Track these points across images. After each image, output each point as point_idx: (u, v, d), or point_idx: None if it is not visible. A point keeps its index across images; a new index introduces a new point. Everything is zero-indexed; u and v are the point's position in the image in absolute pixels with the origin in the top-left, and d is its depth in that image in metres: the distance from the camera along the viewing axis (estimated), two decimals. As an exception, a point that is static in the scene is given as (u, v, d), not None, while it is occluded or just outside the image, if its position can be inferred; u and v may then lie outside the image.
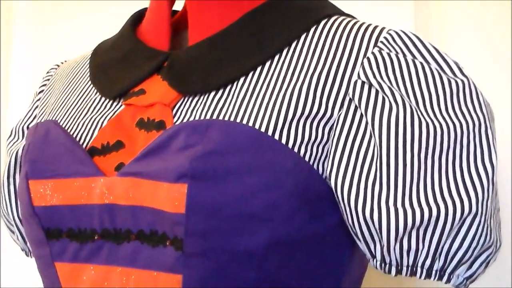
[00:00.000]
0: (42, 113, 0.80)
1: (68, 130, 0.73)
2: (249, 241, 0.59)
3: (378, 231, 0.59)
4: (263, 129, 0.61)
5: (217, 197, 0.59)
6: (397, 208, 0.59)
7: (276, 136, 0.61)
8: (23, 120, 0.83)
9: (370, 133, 0.61)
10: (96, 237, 0.66)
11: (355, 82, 0.63)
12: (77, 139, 0.71)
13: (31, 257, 0.83)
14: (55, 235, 0.68)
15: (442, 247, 0.60)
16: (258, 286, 0.60)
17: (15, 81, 1.25)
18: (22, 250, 0.85)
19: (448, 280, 0.61)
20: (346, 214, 0.61)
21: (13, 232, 0.83)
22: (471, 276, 0.62)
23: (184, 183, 0.59)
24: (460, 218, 0.59)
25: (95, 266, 0.66)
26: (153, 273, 0.62)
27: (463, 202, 0.59)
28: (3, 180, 0.78)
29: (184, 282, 0.60)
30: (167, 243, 0.61)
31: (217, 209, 0.58)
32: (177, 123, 0.65)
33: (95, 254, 0.66)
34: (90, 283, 0.66)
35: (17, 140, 0.82)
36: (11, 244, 1.19)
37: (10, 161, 0.78)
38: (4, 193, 0.78)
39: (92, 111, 0.73)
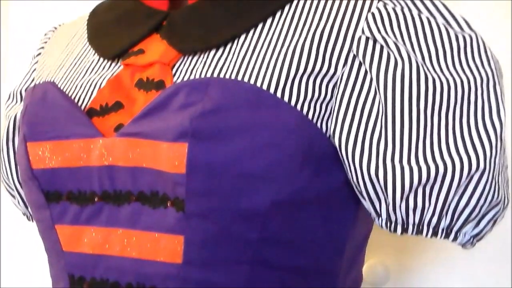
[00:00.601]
0: (40, 76, 0.78)
1: (66, 92, 0.71)
2: (251, 200, 0.58)
3: (383, 189, 0.58)
4: (264, 87, 0.60)
5: (218, 156, 0.57)
6: (403, 166, 0.57)
7: (278, 94, 0.60)
8: (21, 83, 0.82)
9: (375, 89, 0.60)
10: (96, 199, 0.65)
11: (359, 38, 0.61)
12: (76, 100, 0.70)
13: (33, 222, 0.82)
14: (55, 198, 0.67)
15: (449, 205, 0.58)
16: (261, 247, 0.59)
17: (12, 45, 1.23)
18: (24, 214, 0.84)
19: (455, 238, 0.60)
20: (351, 172, 0.60)
21: (13, 197, 0.82)
22: (478, 234, 0.61)
23: (184, 142, 0.58)
24: (468, 175, 0.57)
25: (96, 228, 0.65)
26: (154, 235, 0.61)
27: (470, 159, 0.57)
28: (2, 145, 0.77)
29: (185, 243, 0.59)
30: (168, 204, 0.60)
31: (219, 168, 0.57)
32: (177, 82, 0.64)
33: (95, 216, 0.65)
34: (91, 245, 0.65)
35: (15, 104, 0.80)
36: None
37: (8, 125, 0.77)
38: (3, 157, 0.77)
39: (90, 72, 0.72)
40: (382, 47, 0.60)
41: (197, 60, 0.65)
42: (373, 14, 0.61)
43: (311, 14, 0.63)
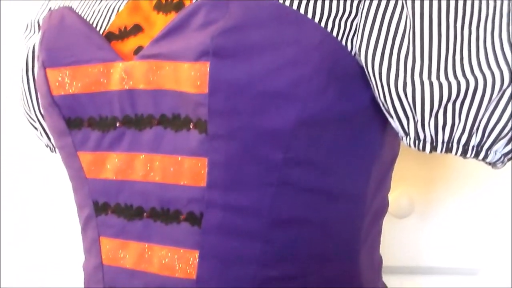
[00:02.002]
0: (56, 4, 0.77)
1: (84, 17, 0.70)
2: (275, 119, 0.56)
3: (411, 105, 0.56)
4: (287, 3, 0.58)
5: (240, 74, 0.56)
6: (432, 81, 0.55)
7: (302, 10, 0.57)
8: (37, 13, 0.80)
9: (402, 3, 0.57)
10: (117, 124, 0.64)
11: None
12: (94, 25, 0.68)
13: (56, 153, 0.82)
14: (76, 124, 0.66)
15: (480, 121, 0.57)
16: (286, 168, 0.58)
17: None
18: (46, 146, 0.84)
19: (486, 157, 0.58)
20: (378, 90, 0.58)
21: (36, 129, 0.81)
22: (509, 152, 0.59)
23: (206, 61, 0.56)
24: (499, 90, 0.55)
25: (118, 154, 0.64)
26: (177, 158, 0.60)
27: (502, 73, 0.55)
28: (22, 75, 0.76)
29: (209, 166, 0.59)
30: (191, 126, 0.59)
31: (241, 87, 0.56)
32: (197, 1, 0.62)
33: (117, 142, 0.64)
34: (114, 171, 0.65)
35: (33, 34, 0.79)
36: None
37: (27, 55, 0.76)
38: (24, 88, 0.76)
39: None
40: None
41: None
42: None
43: None
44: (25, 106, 0.78)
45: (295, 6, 0.57)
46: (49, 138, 0.81)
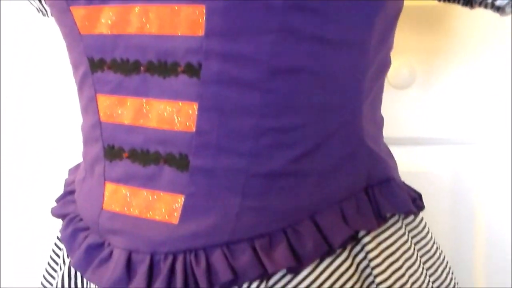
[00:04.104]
0: None
1: None
2: None
3: None
4: None
5: None
6: None
7: None
8: None
9: None
10: None
11: None
12: None
13: (48, 17, 0.79)
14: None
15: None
16: (286, 13, 0.56)
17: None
18: (38, 11, 0.81)
19: (494, -1, 0.56)
20: None
21: (26, -8, 0.78)
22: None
23: None
24: None
25: (112, 7, 0.62)
26: (174, 7, 0.58)
27: None
28: None
29: (207, 12, 0.56)
30: None
31: None
32: None
33: None
34: (109, 25, 0.62)
35: None
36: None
37: None
38: None
39: None
40: None
41: None
42: None
43: None
44: None
45: None
46: (40, 2, 0.78)
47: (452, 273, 0.74)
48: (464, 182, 1.05)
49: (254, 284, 0.60)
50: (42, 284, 0.76)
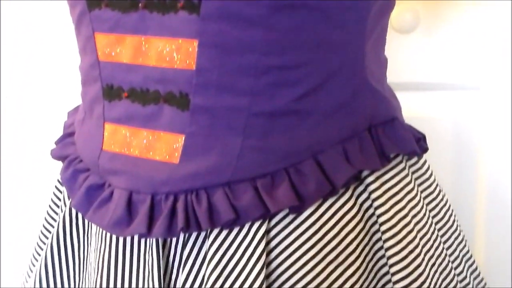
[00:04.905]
0: None
1: None
2: None
3: None
4: None
5: None
6: None
7: None
8: None
9: None
10: None
11: None
12: None
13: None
14: None
15: None
16: None
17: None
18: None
19: None
20: None
21: None
22: None
23: None
24: None
25: None
26: None
27: None
28: None
29: None
30: None
31: None
32: None
33: None
34: None
35: None
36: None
37: None
38: None
39: None
40: None
41: None
42: None
43: None
44: None
45: None
46: None
47: (455, 216, 0.73)
48: (466, 128, 1.05)
49: (256, 224, 0.59)
50: (43, 226, 0.76)
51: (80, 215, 0.69)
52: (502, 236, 1.04)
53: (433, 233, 0.67)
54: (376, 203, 0.62)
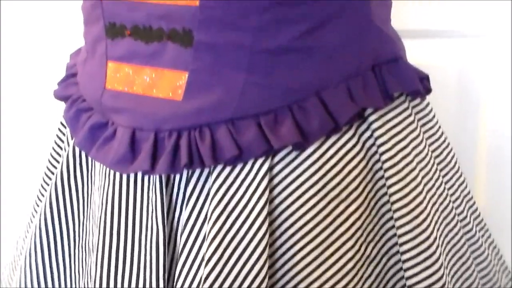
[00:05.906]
0: None
1: None
2: None
3: None
4: None
5: None
6: None
7: None
8: None
9: None
10: None
11: None
12: None
13: None
14: None
15: None
16: None
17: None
18: None
19: None
20: None
21: None
22: None
23: None
24: None
25: None
26: None
27: None
28: None
29: None
30: None
31: None
32: None
33: None
34: None
35: None
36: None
37: None
38: None
39: None
40: None
41: None
42: None
43: None
44: None
45: None
46: None
47: (456, 158, 0.74)
48: (469, 75, 1.04)
49: (259, 161, 0.60)
50: (47, 167, 0.76)
51: (83, 155, 0.69)
52: (502, 181, 1.05)
53: (435, 172, 0.68)
54: (379, 141, 0.62)
